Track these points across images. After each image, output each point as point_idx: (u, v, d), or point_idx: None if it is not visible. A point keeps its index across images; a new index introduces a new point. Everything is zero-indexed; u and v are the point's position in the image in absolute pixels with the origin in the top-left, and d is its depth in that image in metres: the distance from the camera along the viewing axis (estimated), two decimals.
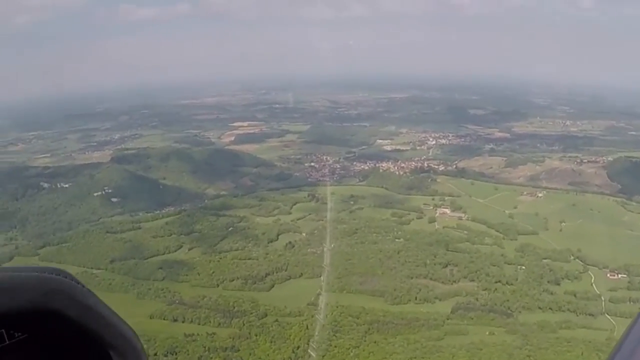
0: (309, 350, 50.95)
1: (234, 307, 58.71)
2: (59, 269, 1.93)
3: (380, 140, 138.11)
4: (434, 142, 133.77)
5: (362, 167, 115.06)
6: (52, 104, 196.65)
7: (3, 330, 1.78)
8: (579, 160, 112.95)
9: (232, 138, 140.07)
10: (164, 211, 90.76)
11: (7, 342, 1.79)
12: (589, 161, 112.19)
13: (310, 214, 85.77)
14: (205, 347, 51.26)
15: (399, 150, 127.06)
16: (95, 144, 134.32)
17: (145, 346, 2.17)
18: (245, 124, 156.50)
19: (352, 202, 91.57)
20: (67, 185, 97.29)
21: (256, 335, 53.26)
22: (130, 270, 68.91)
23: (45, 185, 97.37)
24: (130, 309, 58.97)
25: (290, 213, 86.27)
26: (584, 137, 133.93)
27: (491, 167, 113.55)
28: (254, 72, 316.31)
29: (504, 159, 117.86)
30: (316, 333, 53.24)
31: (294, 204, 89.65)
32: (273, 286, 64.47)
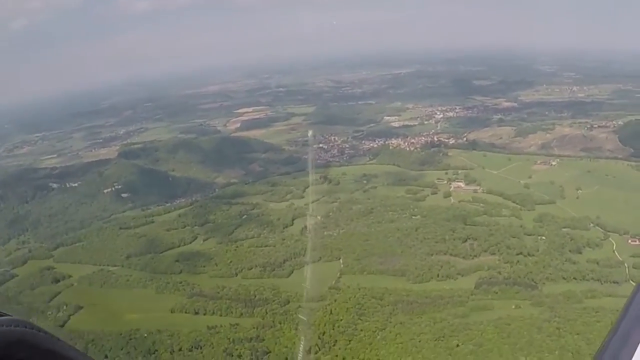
0: (335, 336, 49.98)
1: (255, 296, 57.94)
2: (20, 320, 1.93)
3: (387, 117, 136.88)
4: (441, 116, 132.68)
5: (371, 145, 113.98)
6: (55, 104, 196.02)
7: None
8: (589, 126, 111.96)
9: (238, 125, 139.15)
10: (175, 203, 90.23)
11: None
12: (599, 126, 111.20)
13: (323, 196, 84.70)
14: (229, 339, 50.40)
15: (407, 126, 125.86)
16: (101, 140, 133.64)
17: (169, 341, 1.85)
18: (250, 109, 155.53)
19: (365, 182, 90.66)
20: (76, 185, 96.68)
21: (280, 323, 52.38)
22: (147, 265, 68.31)
23: (55, 185, 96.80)
24: (150, 304, 58.64)
25: (303, 197, 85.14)
26: (591, 102, 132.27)
27: (501, 138, 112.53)
28: (256, 58, 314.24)
29: (514, 128, 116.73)
30: (341, 317, 52.23)
31: (306, 188, 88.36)
32: (292, 272, 63.66)
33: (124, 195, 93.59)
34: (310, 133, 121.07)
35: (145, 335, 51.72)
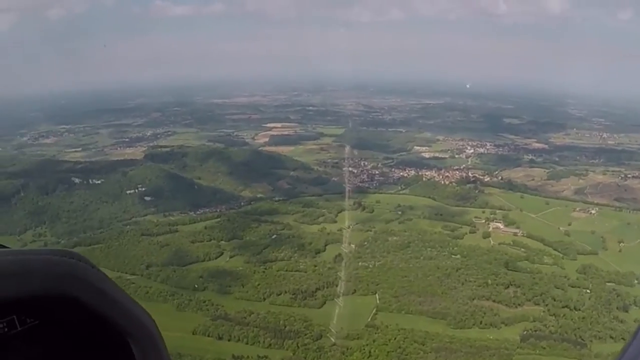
0: None
1: (285, 326, 53.64)
2: (73, 252, 1.89)
3: (418, 147, 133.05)
4: (472, 151, 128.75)
5: (402, 174, 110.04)
6: (84, 98, 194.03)
7: (14, 316, 1.79)
8: (622, 175, 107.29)
9: (267, 139, 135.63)
10: (199, 212, 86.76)
11: (19, 329, 1.80)
12: (633, 176, 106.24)
13: (357, 223, 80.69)
14: None
15: (437, 158, 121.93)
16: (127, 139, 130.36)
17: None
18: (279, 125, 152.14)
19: (400, 212, 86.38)
20: (99, 182, 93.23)
21: None
22: (168, 277, 64.26)
23: (77, 180, 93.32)
24: (170, 321, 54.09)
25: (335, 221, 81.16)
26: (622, 150, 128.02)
27: (533, 179, 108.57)
28: (286, 73, 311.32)
29: (546, 170, 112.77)
30: None
31: (339, 212, 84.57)
32: (325, 303, 59.41)
33: (147, 198, 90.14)
34: (347, 150, 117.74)
35: None
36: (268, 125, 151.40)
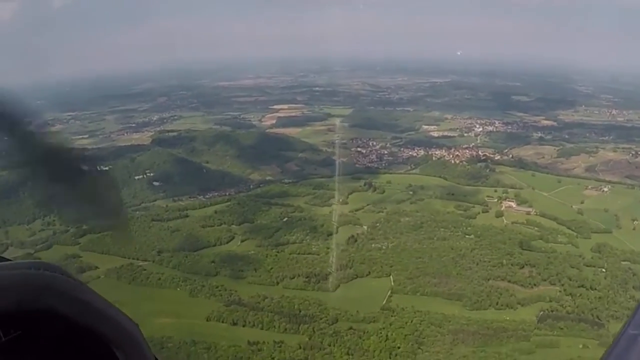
0: None
1: (300, 310, 52.92)
2: (49, 264, 1.91)
3: (426, 126, 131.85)
4: (480, 129, 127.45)
5: (411, 153, 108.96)
6: (88, 85, 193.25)
7: None
8: (633, 152, 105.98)
9: (274, 121, 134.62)
10: (208, 196, 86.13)
11: (3, 340, 1.81)
12: None
13: (368, 204, 79.67)
14: (273, 359, 45.34)
15: (446, 137, 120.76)
16: (134, 125, 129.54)
17: (205, 355, 1.96)
18: (286, 106, 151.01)
19: (411, 192, 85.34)
20: (106, 168, 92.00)
21: (330, 345, 47.24)
22: (180, 263, 63.49)
23: (85, 167, 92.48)
24: (184, 308, 53.93)
25: (347, 203, 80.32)
26: (631, 127, 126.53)
27: (543, 157, 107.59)
28: (292, 54, 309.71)
29: (556, 148, 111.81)
30: (398, 344, 47.01)
31: (350, 193, 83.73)
32: (339, 286, 58.61)
33: (155, 183, 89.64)
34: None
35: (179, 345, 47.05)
36: (275, 107, 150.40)
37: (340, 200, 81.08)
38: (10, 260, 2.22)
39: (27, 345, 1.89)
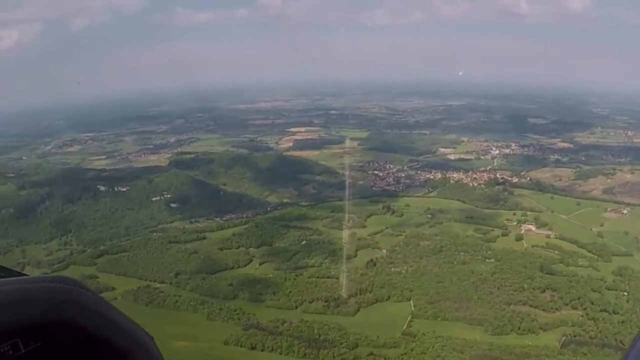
0: None
1: (319, 335, 52.08)
2: (69, 278, 1.96)
3: (442, 149, 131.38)
4: (497, 152, 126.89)
5: (428, 176, 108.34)
6: (107, 106, 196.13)
7: (18, 339, 1.82)
8: None
9: (291, 144, 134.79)
10: (225, 218, 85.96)
11: (23, 351, 1.83)
12: None
13: (387, 228, 78.95)
14: None
15: (463, 160, 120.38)
16: (151, 146, 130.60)
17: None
18: (303, 129, 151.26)
19: (430, 216, 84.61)
20: (124, 189, 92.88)
21: None
22: (197, 286, 62.99)
23: (102, 188, 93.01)
24: (201, 331, 53.15)
25: (365, 226, 79.70)
26: None
27: (560, 179, 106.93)
28: (308, 77, 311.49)
29: (573, 170, 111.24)
30: None
31: (368, 216, 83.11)
32: (358, 310, 57.84)
33: (172, 205, 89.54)
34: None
35: None
36: (291, 129, 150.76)
37: (359, 223, 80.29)
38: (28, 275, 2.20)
39: (46, 357, 1.88)
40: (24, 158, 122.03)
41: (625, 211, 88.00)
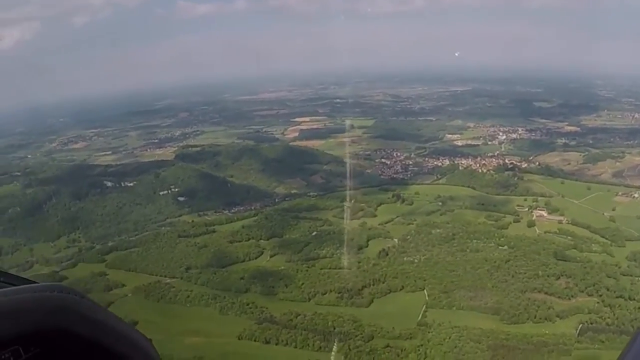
0: None
1: (334, 327, 51.33)
2: (62, 286, 1.99)
3: (449, 135, 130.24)
4: (504, 137, 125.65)
5: (436, 163, 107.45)
6: (111, 101, 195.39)
7: (19, 346, 1.86)
8: None
9: (296, 134, 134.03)
10: (233, 211, 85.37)
11: (24, 357, 1.87)
12: None
13: (397, 217, 78.07)
14: None
15: (470, 146, 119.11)
16: (157, 140, 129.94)
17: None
18: (308, 119, 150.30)
19: (440, 203, 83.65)
20: (131, 184, 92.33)
21: None
22: (208, 280, 62.31)
23: (109, 184, 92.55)
24: (214, 326, 52.68)
25: (375, 215, 78.74)
26: None
27: (569, 163, 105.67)
28: (311, 67, 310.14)
29: (581, 154, 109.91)
30: None
31: (378, 205, 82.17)
32: (372, 301, 56.99)
33: (180, 198, 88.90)
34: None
35: None
36: (297, 119, 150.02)
37: (369, 212, 79.60)
38: (28, 279, 2.27)
39: None
40: (29, 156, 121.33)
41: (636, 195, 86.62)
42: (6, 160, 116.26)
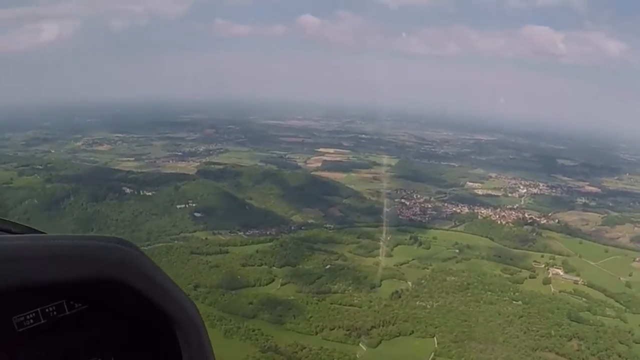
0: None
1: None
2: (124, 240, 1.99)
3: (470, 183, 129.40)
4: (525, 190, 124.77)
5: (455, 209, 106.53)
6: (139, 108, 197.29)
7: (64, 300, 1.88)
8: None
9: (319, 164, 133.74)
10: (248, 233, 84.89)
11: (68, 313, 1.89)
12: None
13: (413, 259, 77.34)
14: None
15: (490, 196, 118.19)
16: (180, 153, 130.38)
17: None
18: (332, 150, 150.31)
19: (457, 251, 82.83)
20: (150, 194, 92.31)
21: None
22: (216, 300, 61.61)
23: (128, 190, 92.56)
24: (218, 349, 49.08)
25: (391, 255, 78.01)
26: None
27: (587, 223, 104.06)
28: (340, 99, 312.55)
29: (600, 215, 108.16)
30: None
31: (395, 245, 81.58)
32: (380, 342, 55.92)
33: (197, 214, 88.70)
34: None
35: None
36: (321, 150, 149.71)
37: (385, 252, 78.85)
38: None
39: (91, 319, 1.92)
40: (52, 151, 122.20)
41: None
42: (30, 152, 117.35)
